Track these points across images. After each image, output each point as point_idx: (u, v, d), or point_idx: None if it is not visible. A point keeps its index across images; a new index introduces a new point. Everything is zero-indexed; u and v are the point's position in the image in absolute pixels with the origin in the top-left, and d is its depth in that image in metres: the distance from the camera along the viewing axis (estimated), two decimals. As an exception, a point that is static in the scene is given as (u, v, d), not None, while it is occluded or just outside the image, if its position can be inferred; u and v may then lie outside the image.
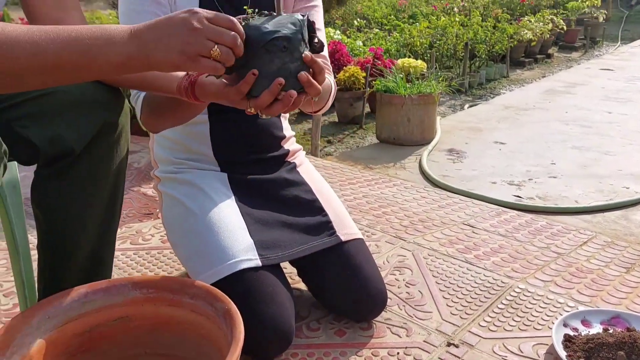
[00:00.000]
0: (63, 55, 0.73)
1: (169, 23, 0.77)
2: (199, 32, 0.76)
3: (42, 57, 0.73)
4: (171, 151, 1.41)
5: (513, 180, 2.78)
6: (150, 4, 1.22)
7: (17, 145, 0.96)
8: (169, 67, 0.78)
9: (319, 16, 1.38)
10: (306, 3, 1.36)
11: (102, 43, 0.75)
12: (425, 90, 3.37)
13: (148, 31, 0.77)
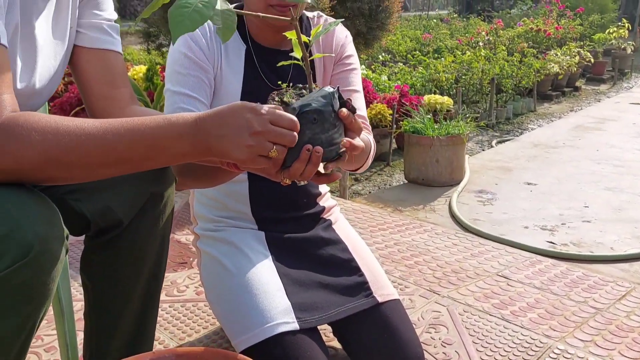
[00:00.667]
0: (132, 149, 0.77)
1: (234, 122, 0.78)
2: (261, 135, 0.78)
3: (113, 152, 0.76)
4: (210, 209, 1.44)
5: (546, 225, 2.74)
6: (195, 69, 1.26)
7: (69, 218, 0.99)
8: (233, 160, 0.81)
9: (357, 79, 1.40)
10: (345, 67, 1.39)
11: (168, 137, 0.78)
12: (454, 131, 3.37)
13: (213, 127, 0.78)
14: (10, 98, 0.75)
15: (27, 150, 0.72)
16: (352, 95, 1.37)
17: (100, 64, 1.07)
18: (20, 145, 0.72)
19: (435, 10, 21.26)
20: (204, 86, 1.28)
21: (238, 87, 1.31)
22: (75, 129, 0.74)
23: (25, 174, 0.74)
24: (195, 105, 1.25)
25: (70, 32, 1.04)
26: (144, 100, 3.39)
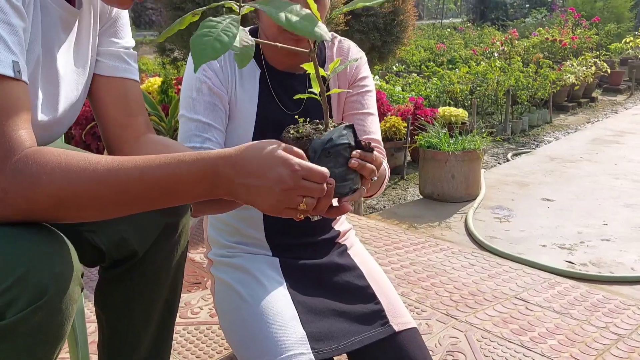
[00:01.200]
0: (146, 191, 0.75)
1: (264, 174, 0.76)
2: (292, 192, 0.76)
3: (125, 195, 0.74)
4: (224, 234, 1.42)
5: (564, 244, 2.70)
6: (211, 95, 1.25)
7: (83, 249, 0.98)
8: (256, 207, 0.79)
9: (372, 101, 1.39)
10: (359, 89, 1.37)
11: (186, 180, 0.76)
12: (469, 146, 3.34)
13: (238, 174, 0.76)
14: (27, 134, 0.73)
15: (37, 192, 0.71)
16: (366, 118, 1.35)
17: (117, 92, 1.06)
18: (30, 187, 0.70)
19: (449, 18, 21.23)
20: (219, 112, 1.27)
21: (253, 111, 1.30)
22: (87, 170, 0.73)
23: (37, 214, 0.73)
24: (211, 132, 1.24)
25: (91, 60, 1.03)
26: (159, 114, 3.40)
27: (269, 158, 0.78)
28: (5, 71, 0.71)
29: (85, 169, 0.73)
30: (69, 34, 0.96)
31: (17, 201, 0.70)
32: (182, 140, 1.25)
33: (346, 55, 1.38)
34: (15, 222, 0.73)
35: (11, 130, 0.71)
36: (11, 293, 0.66)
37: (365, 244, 2.48)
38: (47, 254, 0.70)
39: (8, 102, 0.71)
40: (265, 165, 0.76)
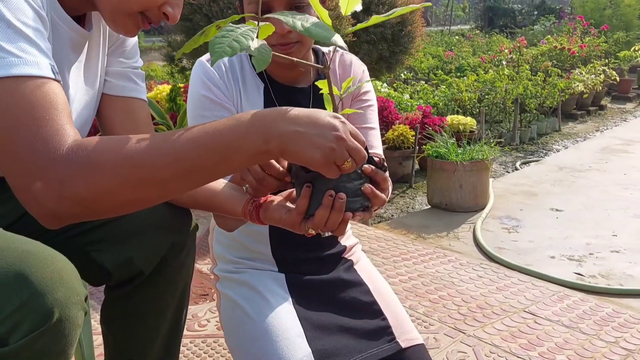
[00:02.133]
0: (203, 156, 0.73)
1: (315, 121, 0.75)
2: (344, 142, 0.76)
3: (184, 161, 0.72)
4: (229, 249, 1.42)
5: (573, 255, 2.68)
6: (218, 109, 1.25)
7: (90, 268, 0.99)
8: (304, 161, 0.77)
9: (374, 115, 1.39)
10: (362, 104, 1.38)
11: (240, 137, 0.74)
12: (478, 156, 3.33)
13: (290, 122, 0.75)
14: (71, 127, 0.73)
15: (98, 173, 0.69)
16: (369, 133, 1.35)
17: (125, 111, 1.07)
18: (90, 168, 0.69)
19: (457, 25, 21.22)
20: None
21: None
22: (143, 144, 0.71)
23: (98, 202, 0.70)
24: None
25: (100, 80, 1.04)
26: (167, 123, 3.42)
27: (317, 110, 0.79)
28: (48, 73, 0.73)
29: (142, 140, 0.72)
30: (79, 54, 0.97)
31: (78, 188, 0.68)
32: None
33: (349, 69, 1.38)
34: (19, 242, 0.73)
35: (57, 123, 0.71)
36: (15, 318, 0.66)
37: (373, 254, 2.47)
38: (51, 279, 0.70)
39: (50, 100, 0.72)
40: (316, 114, 0.76)
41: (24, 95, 0.70)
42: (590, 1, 10.98)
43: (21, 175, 0.69)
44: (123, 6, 0.90)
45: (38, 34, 0.75)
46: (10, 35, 0.71)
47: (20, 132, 0.69)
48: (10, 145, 0.69)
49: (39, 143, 0.69)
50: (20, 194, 0.70)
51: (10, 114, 0.69)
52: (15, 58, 0.71)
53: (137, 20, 0.92)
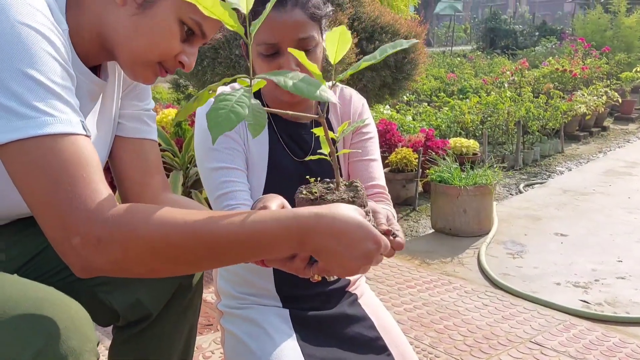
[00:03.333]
0: (239, 250, 0.76)
1: (353, 245, 0.78)
2: (369, 264, 0.81)
3: (218, 251, 0.76)
4: (233, 285, 1.42)
5: (578, 282, 2.67)
6: (227, 142, 1.26)
7: (98, 310, 1.00)
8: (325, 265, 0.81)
9: (375, 146, 1.40)
10: (363, 136, 1.39)
11: (277, 240, 0.77)
12: (481, 180, 3.33)
13: (324, 238, 0.77)
14: (105, 187, 0.77)
15: (135, 240, 0.73)
16: (370, 164, 1.37)
17: (136, 152, 1.09)
18: (129, 236, 0.73)
19: (459, 46, 21.39)
20: (239, 155, 1.29)
21: (264, 160, 1.32)
22: (182, 223, 0.74)
23: (129, 265, 0.74)
24: (237, 175, 1.26)
25: (114, 124, 1.06)
26: (173, 150, 3.44)
27: (358, 228, 0.80)
28: (79, 130, 0.77)
29: (181, 221, 0.75)
30: (95, 102, 0.99)
31: (113, 250, 0.72)
32: (210, 191, 1.26)
33: (348, 103, 1.40)
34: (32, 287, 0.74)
35: (94, 182, 0.75)
36: None
37: (377, 282, 2.47)
38: (66, 327, 0.71)
39: (85, 157, 0.76)
40: (355, 236, 0.78)
41: (60, 153, 0.73)
42: (591, 23, 11.07)
43: (61, 229, 0.73)
44: (141, 57, 0.92)
45: (68, 91, 0.78)
46: (42, 94, 0.74)
47: (60, 187, 0.73)
48: (50, 201, 0.73)
49: (78, 200, 0.72)
50: (58, 246, 0.74)
51: (50, 171, 0.73)
52: (49, 117, 0.74)
53: (155, 69, 0.95)
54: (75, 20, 0.90)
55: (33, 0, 0.78)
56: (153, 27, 0.90)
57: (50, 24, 0.79)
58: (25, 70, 0.73)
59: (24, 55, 0.74)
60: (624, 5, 10.94)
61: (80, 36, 0.91)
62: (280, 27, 1.17)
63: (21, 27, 0.74)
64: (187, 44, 0.96)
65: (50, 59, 0.76)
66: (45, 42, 0.76)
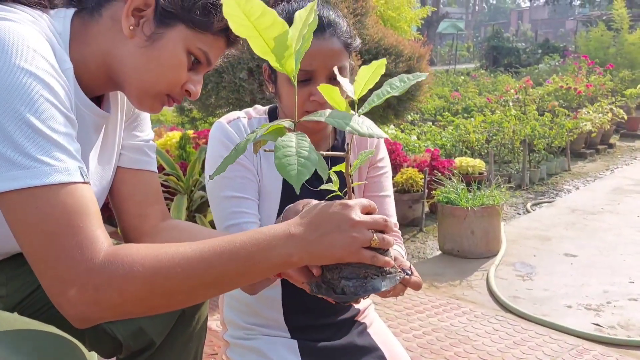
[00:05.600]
0: (229, 266, 0.77)
1: (329, 219, 0.79)
2: (361, 225, 0.79)
3: (212, 272, 0.76)
4: (241, 314, 1.39)
5: (590, 304, 2.62)
6: (240, 170, 1.26)
7: (101, 340, 0.97)
8: (330, 260, 0.81)
9: (389, 182, 1.40)
10: (378, 171, 1.39)
11: (263, 249, 0.78)
12: (488, 201, 3.30)
13: (308, 229, 0.79)
14: (103, 233, 0.77)
15: (132, 283, 0.73)
16: (384, 201, 1.36)
17: (135, 183, 1.07)
18: (125, 278, 0.73)
19: (462, 64, 21.49)
20: (251, 184, 1.27)
21: (278, 188, 1.30)
22: (176, 254, 0.76)
23: (128, 307, 0.75)
24: (247, 205, 1.25)
25: (116, 155, 1.06)
26: (177, 173, 3.43)
27: (326, 207, 0.82)
28: (75, 178, 0.76)
29: (174, 253, 0.76)
30: (98, 134, 0.98)
31: (111, 296, 0.73)
32: (219, 220, 1.25)
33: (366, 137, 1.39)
34: (33, 331, 0.72)
35: (90, 231, 0.75)
36: None
37: (385, 307, 2.43)
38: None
39: (82, 206, 0.76)
40: (327, 213, 0.80)
41: (57, 204, 0.74)
42: (593, 40, 11.10)
43: (57, 281, 0.73)
44: (150, 89, 0.92)
45: (67, 137, 0.78)
46: (41, 142, 0.74)
47: (57, 240, 0.73)
48: (47, 252, 0.73)
49: (75, 251, 0.73)
50: (54, 297, 0.73)
51: (47, 222, 0.73)
52: (47, 167, 0.74)
53: (163, 99, 0.95)
54: (80, 53, 0.90)
55: (34, 42, 0.78)
56: (162, 59, 0.91)
57: (50, 67, 0.79)
58: (25, 118, 0.73)
59: (24, 102, 0.73)
60: (627, 22, 10.98)
61: (85, 69, 0.91)
62: (318, 54, 1.16)
63: (21, 72, 0.74)
64: (193, 72, 0.96)
65: (49, 106, 0.76)
66: (45, 89, 0.76)
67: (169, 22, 0.90)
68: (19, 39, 0.76)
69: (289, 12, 1.21)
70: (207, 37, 0.92)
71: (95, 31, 0.91)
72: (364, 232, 0.80)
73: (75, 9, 0.92)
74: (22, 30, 0.78)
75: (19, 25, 0.79)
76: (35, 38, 0.79)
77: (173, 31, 0.90)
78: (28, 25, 0.81)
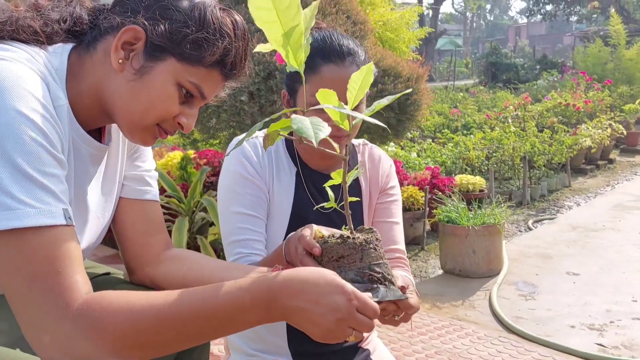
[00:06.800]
0: (206, 325, 0.77)
1: (319, 300, 0.77)
2: (344, 322, 0.78)
3: (186, 328, 0.76)
4: (244, 340, 1.39)
5: (593, 324, 2.61)
6: (251, 187, 1.27)
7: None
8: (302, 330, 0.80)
9: (399, 210, 1.41)
10: (388, 198, 1.40)
11: (243, 312, 0.78)
12: (489, 220, 3.30)
13: (290, 296, 0.78)
14: (83, 278, 0.77)
15: (104, 336, 0.73)
16: (393, 227, 1.37)
17: (138, 213, 1.08)
18: (96, 331, 0.73)
19: (461, 80, 21.61)
20: (260, 203, 1.29)
21: (288, 208, 1.32)
22: (149, 308, 0.76)
23: (102, 358, 0.75)
24: (254, 223, 1.26)
25: (118, 186, 1.06)
26: (178, 195, 3.44)
27: (325, 284, 0.80)
28: (59, 221, 0.77)
29: (147, 306, 0.76)
30: (98, 167, 0.99)
31: (82, 347, 0.73)
32: (225, 234, 1.27)
33: (377, 163, 1.41)
34: None
35: (69, 277, 0.76)
36: None
37: (387, 328, 2.42)
38: None
39: (63, 250, 0.76)
40: (322, 290, 0.78)
41: (39, 247, 0.74)
42: (591, 56, 11.17)
43: (32, 325, 0.74)
44: (140, 121, 0.93)
45: (54, 179, 0.78)
46: (26, 185, 0.74)
47: (35, 284, 0.73)
48: (24, 295, 0.74)
49: (51, 298, 0.73)
50: (29, 340, 0.74)
51: (27, 265, 0.74)
52: (31, 209, 0.74)
53: (154, 131, 0.95)
54: (76, 89, 0.91)
55: (29, 83, 0.79)
56: (150, 92, 0.91)
57: (43, 108, 0.80)
58: (12, 159, 0.74)
59: (12, 144, 0.74)
60: (624, 38, 11.06)
61: (81, 103, 0.92)
62: (338, 81, 1.18)
63: (13, 113, 0.75)
64: (187, 105, 0.96)
65: (37, 147, 0.77)
66: (35, 130, 0.77)
67: (158, 56, 0.90)
68: (14, 80, 0.77)
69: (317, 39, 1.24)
70: (199, 71, 0.92)
71: (90, 65, 0.93)
72: (344, 329, 0.78)
73: (72, 44, 0.94)
74: (19, 71, 0.79)
75: (15, 65, 0.80)
76: (31, 78, 0.80)
77: (163, 64, 0.91)
78: (24, 64, 0.83)
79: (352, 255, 0.91)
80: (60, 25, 0.93)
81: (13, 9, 0.91)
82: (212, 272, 1.06)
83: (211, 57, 0.92)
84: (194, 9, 0.92)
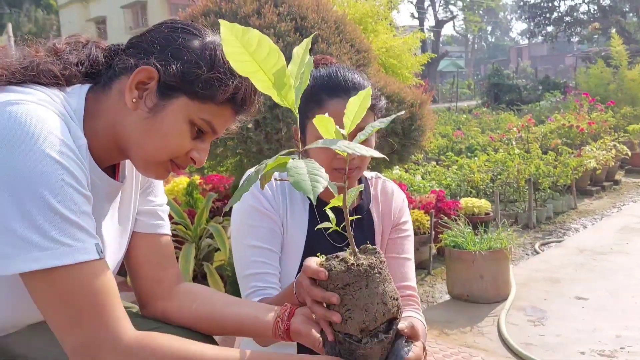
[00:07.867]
0: None
1: None
2: None
3: None
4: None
5: (603, 350, 2.58)
6: (266, 220, 1.29)
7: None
8: None
9: (410, 246, 1.42)
10: (400, 233, 1.41)
11: None
12: (496, 245, 3.29)
13: None
14: (123, 313, 0.83)
15: None
16: (405, 264, 1.37)
17: (150, 247, 1.09)
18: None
19: (464, 101, 21.71)
20: (275, 236, 1.30)
21: (301, 242, 1.32)
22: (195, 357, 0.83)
23: None
24: (269, 256, 1.27)
25: (132, 221, 1.08)
26: (185, 222, 3.45)
27: None
28: (94, 255, 0.82)
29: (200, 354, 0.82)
30: (111, 203, 1.01)
31: None
32: (240, 267, 1.28)
33: (390, 197, 1.42)
34: None
35: (114, 310, 0.82)
36: None
37: (396, 357, 2.40)
38: None
39: (100, 283, 0.82)
40: None
41: (79, 282, 0.80)
42: (593, 77, 11.23)
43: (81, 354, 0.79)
44: (153, 157, 0.95)
45: (85, 216, 0.83)
46: (60, 224, 0.79)
47: (82, 317, 0.79)
48: (72, 328, 0.79)
49: (101, 330, 0.79)
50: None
51: (70, 300, 0.80)
52: (67, 247, 0.79)
53: (167, 166, 0.98)
54: (93, 128, 0.94)
55: (53, 126, 0.83)
56: (163, 129, 0.94)
57: (69, 149, 0.83)
58: (48, 202, 0.78)
59: (46, 187, 0.78)
60: (625, 59, 11.12)
61: (97, 141, 0.95)
62: (343, 115, 1.20)
63: (45, 158, 0.79)
64: (199, 140, 0.98)
65: (69, 188, 0.81)
66: (65, 173, 0.81)
67: (171, 94, 0.93)
68: (40, 124, 0.80)
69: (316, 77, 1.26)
70: (211, 107, 0.95)
71: (106, 104, 0.95)
72: None
73: (89, 85, 0.96)
74: (42, 114, 0.82)
75: (37, 108, 0.83)
76: (52, 120, 0.83)
77: (175, 103, 0.93)
78: (45, 106, 0.85)
79: (357, 282, 0.92)
80: (79, 67, 0.96)
81: (34, 54, 0.94)
82: (222, 307, 1.07)
83: (223, 96, 0.94)
84: (204, 49, 0.95)
